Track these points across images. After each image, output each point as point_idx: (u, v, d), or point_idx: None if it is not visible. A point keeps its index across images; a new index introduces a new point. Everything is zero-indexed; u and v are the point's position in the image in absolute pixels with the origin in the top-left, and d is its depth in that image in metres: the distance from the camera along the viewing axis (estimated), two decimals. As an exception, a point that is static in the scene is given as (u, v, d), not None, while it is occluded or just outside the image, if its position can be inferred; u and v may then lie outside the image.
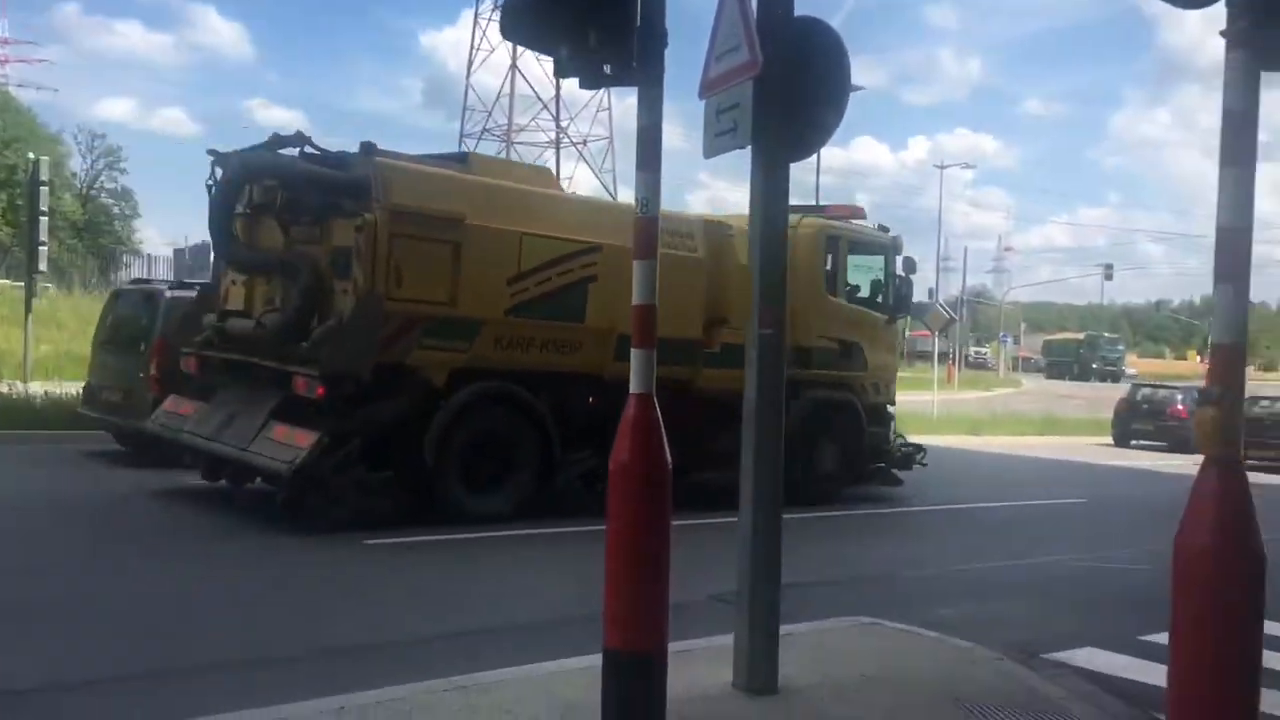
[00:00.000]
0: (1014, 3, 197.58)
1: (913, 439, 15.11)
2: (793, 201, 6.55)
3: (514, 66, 58.93)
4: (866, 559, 10.03)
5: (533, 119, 60.86)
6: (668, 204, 4.40)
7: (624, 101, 60.86)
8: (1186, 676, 3.29)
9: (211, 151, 10.53)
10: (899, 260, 13.87)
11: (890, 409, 14.22)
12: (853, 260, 13.46)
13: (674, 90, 4.43)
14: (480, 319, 9.96)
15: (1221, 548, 3.17)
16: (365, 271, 9.18)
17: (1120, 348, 76.45)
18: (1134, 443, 26.05)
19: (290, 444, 9.24)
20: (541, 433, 10.45)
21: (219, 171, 10.37)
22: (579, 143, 62.15)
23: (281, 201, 9.97)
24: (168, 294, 12.83)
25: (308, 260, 9.78)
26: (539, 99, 59.49)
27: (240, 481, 10.49)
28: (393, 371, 9.58)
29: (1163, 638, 3.68)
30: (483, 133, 61.69)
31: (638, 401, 4.32)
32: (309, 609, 6.98)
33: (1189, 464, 10.85)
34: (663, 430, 4.38)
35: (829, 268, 13.10)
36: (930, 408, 28.91)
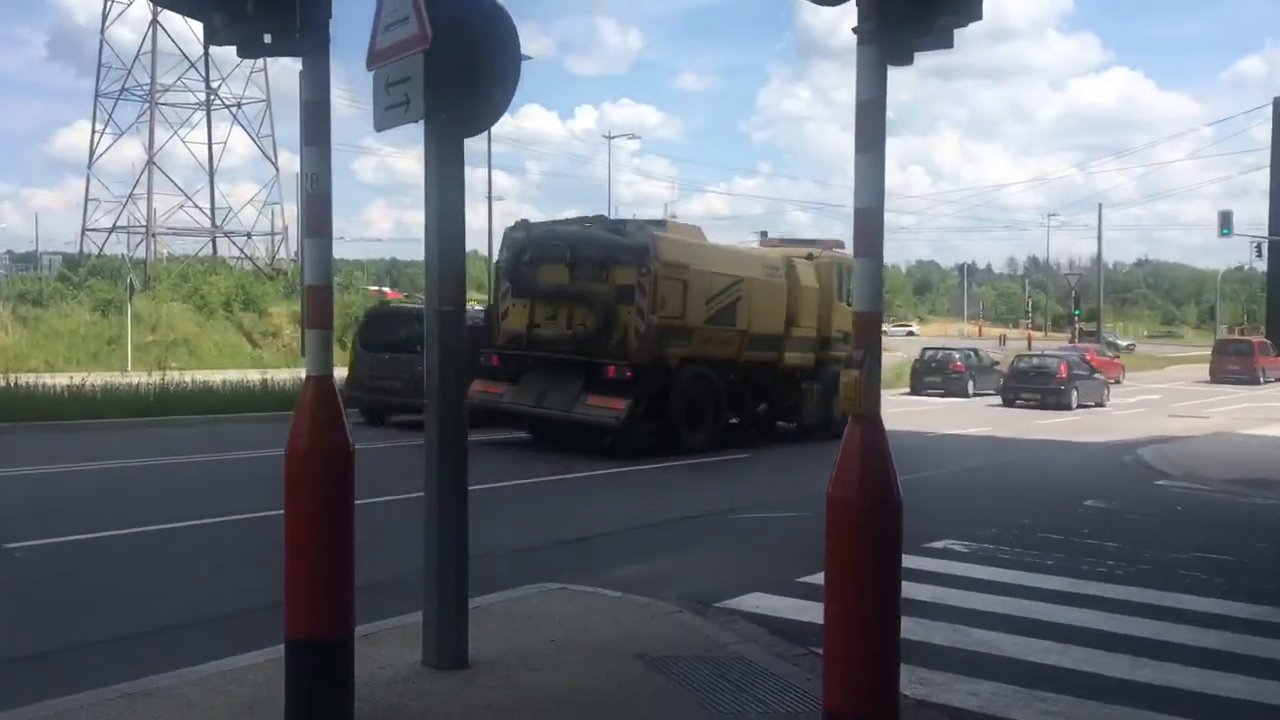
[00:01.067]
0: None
1: None
2: (817, 237, 19.67)
3: (155, 21, 54.53)
4: (545, 525, 10.26)
5: (179, 78, 56.65)
6: (332, 174, 4.26)
7: (280, 61, 57.96)
8: (840, 613, 3.64)
9: (523, 221, 16.71)
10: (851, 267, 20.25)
11: None
12: (850, 277, 18.54)
13: (336, 53, 4.29)
14: (695, 327, 15.88)
15: (866, 498, 3.53)
16: (648, 302, 14.94)
17: None
18: (925, 393, 33.58)
19: (609, 407, 14.78)
20: (717, 396, 16.46)
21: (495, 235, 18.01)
22: (232, 105, 58.58)
23: (572, 256, 15.39)
24: None
25: (599, 293, 15.23)
26: (185, 57, 55.42)
27: (560, 434, 15.94)
28: (654, 361, 15.19)
29: (819, 579, 4.04)
30: (121, 92, 56.76)
31: (315, 385, 4.18)
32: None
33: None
34: (342, 411, 4.28)
35: (837, 284, 18.84)
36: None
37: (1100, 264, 75.91)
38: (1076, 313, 64.67)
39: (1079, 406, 30.23)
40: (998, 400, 31.68)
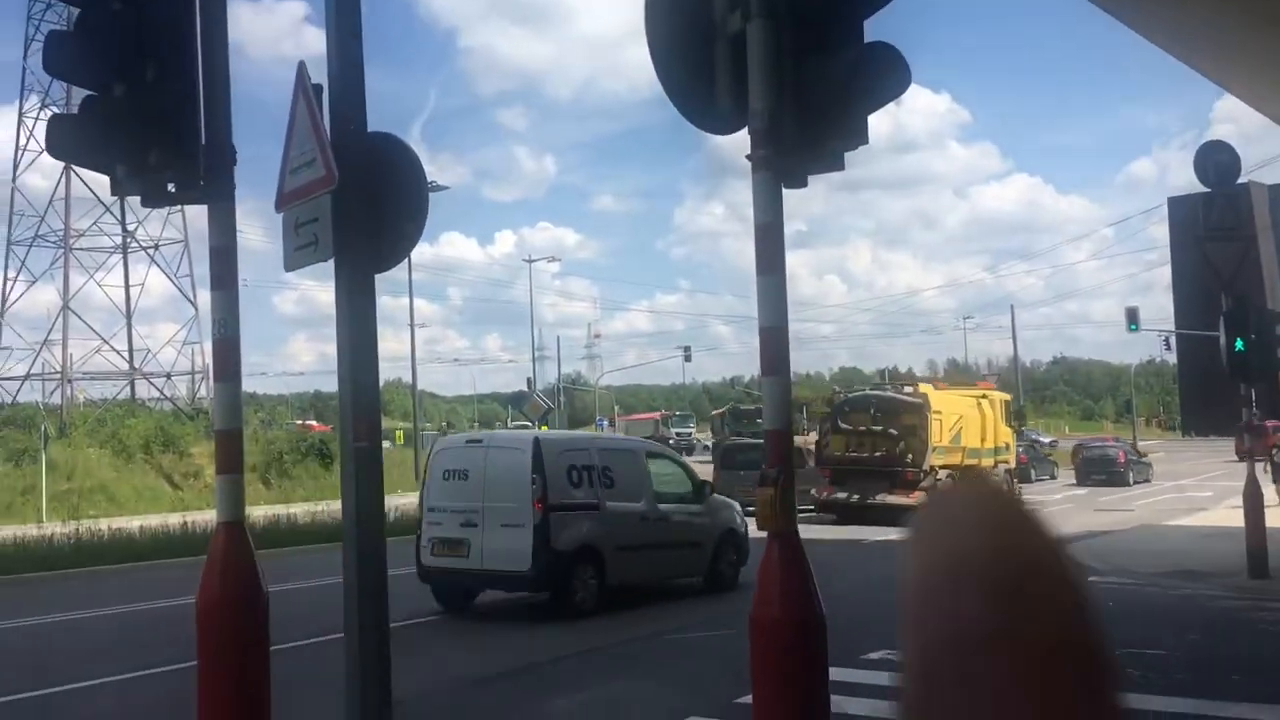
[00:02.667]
0: (578, 108, 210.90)
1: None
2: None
3: (69, 168, 54.27)
4: (473, 662, 9.99)
5: (94, 223, 56.10)
6: (250, 311, 4.27)
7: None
8: (770, 737, 3.59)
9: (835, 390, 30.97)
10: (1009, 401, 31.37)
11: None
12: (1003, 408, 28.97)
13: (254, 191, 4.33)
14: (945, 446, 24.67)
15: (787, 617, 3.52)
16: (926, 433, 24.09)
17: (691, 423, 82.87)
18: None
19: (909, 497, 22.50)
20: None
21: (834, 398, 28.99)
22: (149, 247, 58.15)
23: (874, 408, 25.17)
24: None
25: (891, 431, 24.36)
26: (100, 201, 54.86)
27: (865, 515, 23.49)
28: (930, 468, 24.03)
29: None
30: (35, 239, 56.07)
31: (226, 532, 4.09)
32: None
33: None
34: (254, 557, 4.17)
35: (1002, 412, 28.09)
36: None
37: (1017, 363, 77.81)
38: (999, 412, 65.80)
39: (1135, 483, 37.91)
40: (1062, 482, 39.94)
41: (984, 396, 28.40)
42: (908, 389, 26.61)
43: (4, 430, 39.00)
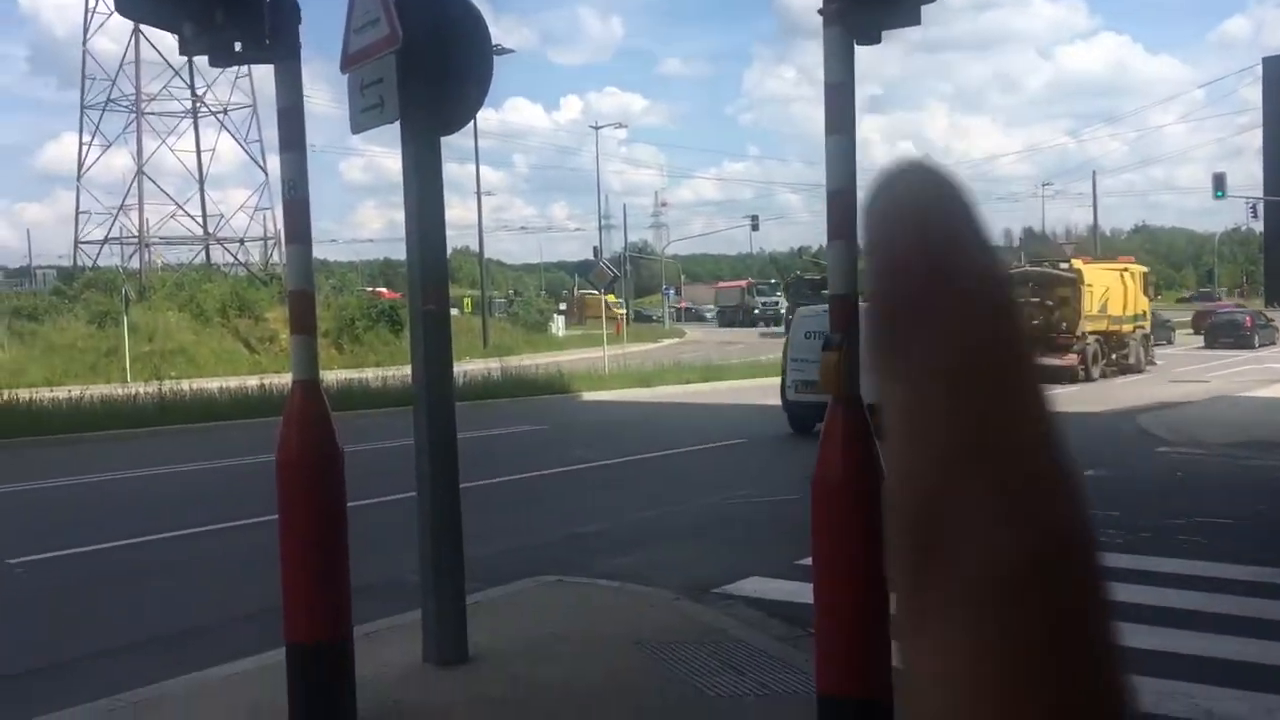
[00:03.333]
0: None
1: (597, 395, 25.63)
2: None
3: (137, 31, 54.20)
4: (547, 520, 10.29)
5: (164, 87, 56.24)
6: (318, 178, 4.31)
7: (265, 65, 57.39)
8: (829, 595, 3.66)
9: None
10: (1147, 274, 33.45)
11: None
12: (1141, 280, 31.80)
13: (321, 55, 4.31)
14: (1093, 314, 27.61)
15: (851, 481, 3.54)
16: (1079, 302, 27.31)
17: (779, 293, 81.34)
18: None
19: (1064, 359, 26.39)
20: (1101, 348, 28.80)
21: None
22: (218, 111, 58.30)
23: (1033, 283, 27.09)
24: None
25: (1048, 302, 27.25)
26: (169, 65, 54.96)
27: None
28: (1081, 334, 27.74)
29: (811, 561, 4.06)
30: (107, 103, 56.45)
31: (302, 390, 4.21)
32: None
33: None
34: (330, 415, 4.29)
35: (1141, 284, 31.12)
36: (602, 363, 29.75)
37: (1096, 232, 75.75)
38: (1074, 282, 64.45)
39: (1260, 346, 40.89)
40: (1182, 347, 42.63)
41: (1125, 270, 31.55)
42: (1063, 264, 30.26)
43: (86, 293, 40.12)
